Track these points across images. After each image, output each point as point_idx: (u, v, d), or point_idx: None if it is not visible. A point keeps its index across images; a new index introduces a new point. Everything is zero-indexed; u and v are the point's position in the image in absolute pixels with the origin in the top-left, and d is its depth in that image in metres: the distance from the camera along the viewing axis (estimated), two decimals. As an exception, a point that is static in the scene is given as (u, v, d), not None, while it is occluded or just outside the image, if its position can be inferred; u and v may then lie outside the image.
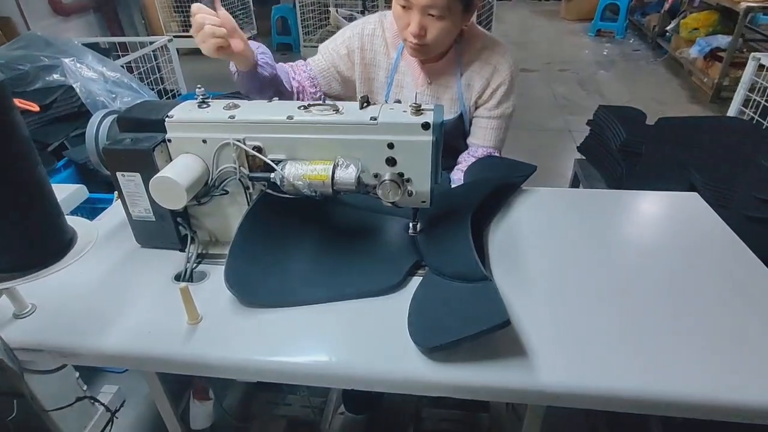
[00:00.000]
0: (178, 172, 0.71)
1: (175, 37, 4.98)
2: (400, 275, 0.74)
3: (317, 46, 1.19)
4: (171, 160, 0.76)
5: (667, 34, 4.60)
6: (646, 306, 0.69)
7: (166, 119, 0.75)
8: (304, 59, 1.16)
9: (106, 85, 1.41)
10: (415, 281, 0.75)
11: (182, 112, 0.76)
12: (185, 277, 0.77)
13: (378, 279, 0.74)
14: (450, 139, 1.14)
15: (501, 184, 0.95)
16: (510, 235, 0.86)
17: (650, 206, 0.95)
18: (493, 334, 0.61)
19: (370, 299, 0.72)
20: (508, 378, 0.59)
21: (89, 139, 0.79)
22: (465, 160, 1.12)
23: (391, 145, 0.72)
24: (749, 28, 3.73)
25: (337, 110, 0.73)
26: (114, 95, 1.40)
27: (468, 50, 1.07)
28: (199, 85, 0.79)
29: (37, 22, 3.11)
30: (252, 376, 0.63)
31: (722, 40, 3.58)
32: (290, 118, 0.72)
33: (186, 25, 5.04)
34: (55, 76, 1.39)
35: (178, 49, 5.00)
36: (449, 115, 1.10)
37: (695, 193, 0.95)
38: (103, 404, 0.93)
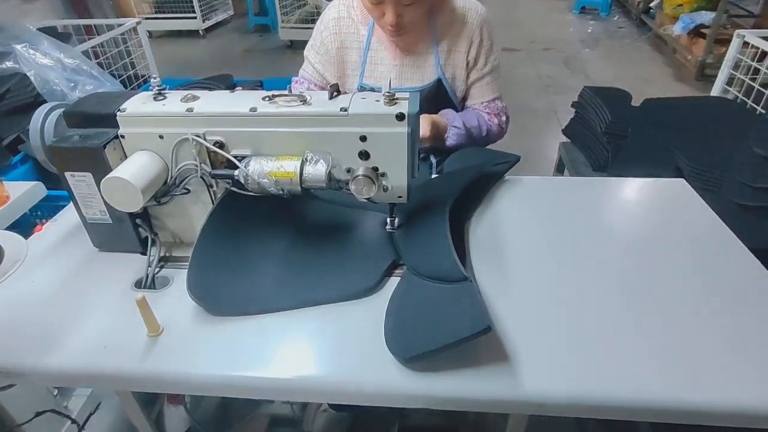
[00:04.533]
0: (133, 171, 0.66)
1: (146, 18, 4.82)
2: (376, 277, 0.70)
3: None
4: (126, 157, 0.70)
5: (651, 10, 4.56)
6: (632, 304, 0.66)
7: (118, 113, 0.68)
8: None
9: (65, 73, 1.32)
10: (393, 282, 0.71)
11: (136, 105, 0.69)
12: (146, 283, 0.72)
13: (353, 282, 0.69)
14: (430, 107, 1.09)
15: (483, 174, 0.91)
16: (492, 228, 0.82)
17: (636, 194, 0.91)
18: (475, 340, 0.57)
19: (345, 303, 0.68)
20: (491, 388, 0.55)
21: (33, 136, 0.72)
22: (465, 112, 1.12)
23: (363, 138, 0.67)
24: (733, 4, 3.70)
25: (304, 101, 0.68)
26: (73, 84, 1.31)
27: (440, 13, 1.04)
28: (153, 75, 0.72)
29: (-3, 5, 2.94)
30: (217, 392, 0.59)
31: (706, 17, 3.54)
32: (253, 110, 0.67)
33: (159, 6, 4.84)
34: (8, 63, 1.30)
35: (150, 32, 4.87)
36: (430, 79, 1.07)
37: (682, 180, 0.91)
38: (69, 417, 0.88)
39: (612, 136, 1.39)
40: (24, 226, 1.10)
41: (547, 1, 6.00)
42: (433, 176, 0.95)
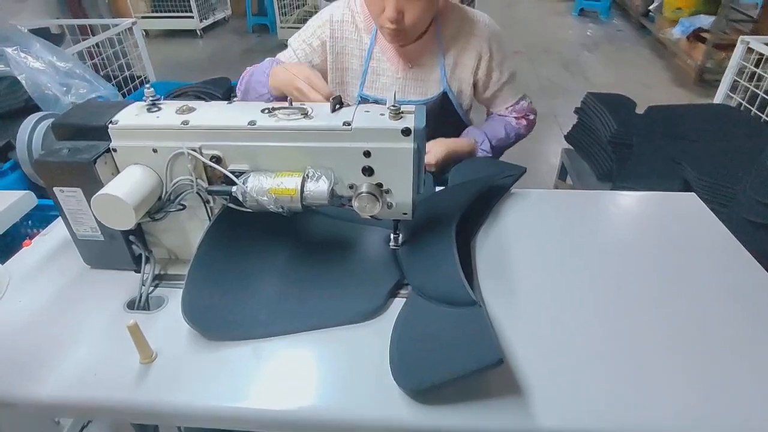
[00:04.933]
0: (125, 187, 0.62)
1: (143, 18, 4.78)
2: (380, 299, 0.67)
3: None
4: (117, 172, 0.67)
5: (651, 13, 4.55)
6: (651, 328, 0.63)
7: (110, 126, 0.65)
8: (283, 43, 1.07)
9: (57, 77, 1.28)
10: (398, 303, 0.68)
11: (128, 117, 0.66)
12: (140, 304, 0.69)
13: (355, 304, 0.66)
14: (434, 122, 1.06)
15: (488, 187, 0.88)
16: (499, 245, 0.79)
17: (647, 208, 0.88)
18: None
19: (347, 327, 0.65)
20: (501, 421, 0.52)
21: (20, 148, 0.69)
22: (490, 120, 1.11)
23: (367, 153, 0.64)
24: (733, 8, 3.69)
25: (305, 114, 0.65)
26: (65, 88, 1.27)
27: (447, 25, 1.00)
28: (147, 86, 0.69)
29: (-12, 4, 2.89)
30: (211, 424, 0.56)
31: (705, 20, 3.53)
32: (252, 123, 0.64)
33: (156, 5, 4.79)
34: (1, 66, 1.26)
35: (147, 31, 4.84)
36: (434, 92, 1.04)
37: (693, 194, 0.89)
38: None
39: (617, 146, 1.37)
40: (13, 236, 1.06)
41: (547, 3, 5.98)
42: (438, 189, 0.92)
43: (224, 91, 1.70)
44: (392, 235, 0.76)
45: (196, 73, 3.62)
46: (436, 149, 1.00)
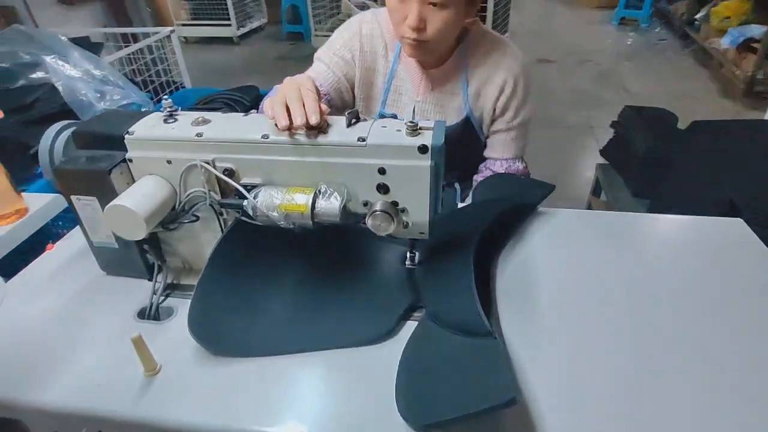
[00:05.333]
0: (137, 199, 0.62)
1: (183, 25, 4.93)
2: (391, 323, 0.64)
3: (329, 35, 1.06)
4: (133, 181, 0.67)
5: (696, 22, 4.35)
6: (689, 369, 0.58)
7: (126, 136, 0.65)
8: (315, 50, 1.03)
9: (92, 84, 1.32)
10: (410, 326, 0.65)
11: (144, 128, 0.66)
12: (150, 313, 0.69)
13: (366, 326, 0.64)
14: (456, 148, 1.02)
15: (513, 206, 0.84)
16: (522, 270, 0.74)
17: (687, 234, 0.82)
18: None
19: (356, 349, 0.62)
20: (514, 463, 0.49)
21: (42, 155, 0.70)
22: (483, 172, 1.01)
23: (382, 171, 0.61)
24: (787, 17, 3.49)
25: (320, 128, 0.63)
26: (99, 94, 1.31)
27: (473, 53, 0.95)
28: (166, 97, 0.69)
29: (41, 12, 3.04)
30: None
31: (756, 30, 3.35)
32: (265, 137, 0.62)
33: (196, 13, 4.94)
34: (40, 74, 1.31)
35: (186, 38, 5.00)
36: (455, 120, 0.99)
37: (740, 220, 0.82)
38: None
39: (654, 162, 1.30)
40: (44, 235, 1.09)
41: (585, 11, 5.84)
42: (459, 205, 0.89)
43: (252, 98, 1.72)
44: (408, 254, 0.73)
45: (231, 80, 3.70)
46: None
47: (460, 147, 1.02)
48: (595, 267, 0.75)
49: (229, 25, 4.79)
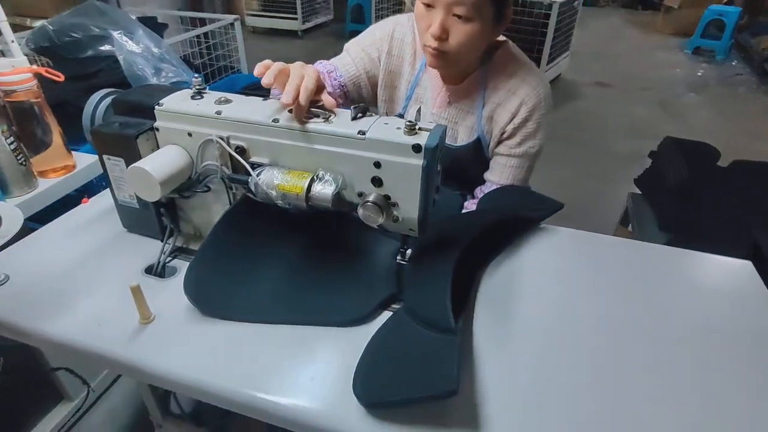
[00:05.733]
0: (156, 164, 0.69)
1: (252, 15, 5.16)
2: (368, 308, 0.67)
3: None
4: (157, 148, 0.74)
5: (777, 60, 4.10)
6: (674, 420, 0.58)
7: (157, 107, 0.72)
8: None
9: (151, 61, 1.43)
10: (387, 316, 0.68)
11: (174, 101, 0.73)
12: (156, 270, 0.75)
13: (347, 308, 0.68)
14: (465, 166, 1.03)
15: (514, 217, 0.85)
16: (510, 280, 0.76)
17: (693, 271, 0.80)
18: (449, 403, 0.53)
19: (335, 329, 0.66)
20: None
21: (85, 118, 0.78)
22: (477, 197, 1.00)
23: (378, 164, 0.65)
24: None
25: (326, 119, 0.67)
26: (154, 71, 1.42)
27: (495, 74, 0.94)
28: (195, 74, 0.75)
29: (125, -10, 3.29)
30: (186, 392, 0.59)
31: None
32: (275, 121, 0.67)
33: (266, 5, 5.16)
34: (107, 47, 1.44)
35: (254, 27, 5.21)
36: (466, 140, 1.00)
37: (748, 263, 0.79)
38: (80, 378, 0.94)
39: (685, 196, 1.25)
40: (89, 190, 1.20)
41: (658, 36, 5.61)
42: (463, 212, 0.91)
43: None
44: (400, 250, 0.76)
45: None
46: None
47: (470, 167, 1.03)
48: (586, 289, 0.74)
49: (295, 18, 4.97)
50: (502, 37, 0.98)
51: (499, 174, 0.98)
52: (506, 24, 0.89)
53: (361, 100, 1.06)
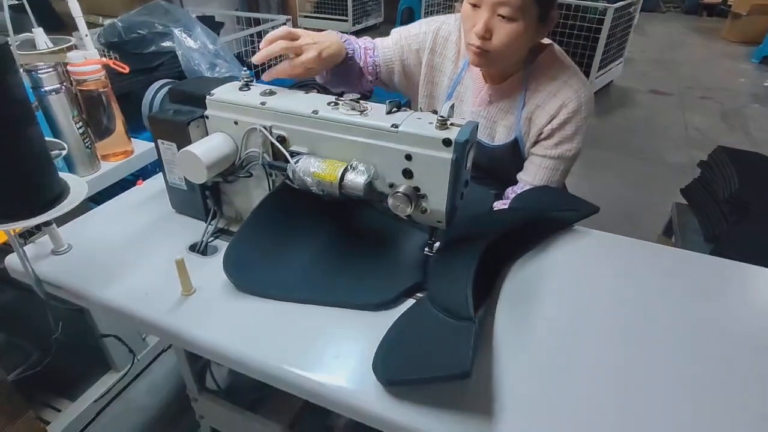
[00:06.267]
0: (204, 149, 0.74)
1: (305, 17, 5.29)
2: (393, 293, 0.70)
3: None
4: (207, 135, 0.79)
5: None
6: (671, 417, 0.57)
7: (208, 97, 0.78)
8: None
9: (206, 57, 1.53)
10: (411, 303, 0.70)
11: (224, 92, 0.78)
12: (199, 248, 0.81)
13: (371, 293, 0.70)
14: (502, 166, 1.04)
15: (547, 218, 0.85)
16: (536, 277, 0.76)
17: (732, 282, 0.77)
18: (463, 385, 0.55)
19: (360, 312, 0.69)
20: (463, 438, 0.52)
21: (144, 106, 0.85)
22: (508, 197, 1.01)
23: (408, 157, 0.67)
24: None
25: (362, 111, 0.70)
26: (209, 66, 1.52)
27: (537, 76, 0.94)
28: (244, 68, 0.80)
29: (189, -9, 3.47)
30: (220, 360, 0.64)
31: None
32: (315, 112, 0.71)
33: (319, 6, 5.30)
34: (168, 43, 1.54)
35: (306, 29, 5.33)
36: (503, 140, 1.01)
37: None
38: (126, 345, 1.02)
39: (734, 207, 1.20)
40: (144, 174, 1.29)
41: (723, 45, 5.33)
42: (495, 209, 0.92)
43: (338, 92, 1.85)
44: (428, 242, 0.78)
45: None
46: None
47: (506, 168, 1.04)
48: (609, 293, 0.74)
49: (346, 20, 5.07)
50: (547, 40, 0.98)
51: (532, 174, 0.98)
52: (551, 26, 0.89)
53: (392, 85, 1.10)
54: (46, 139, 0.65)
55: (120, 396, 1.44)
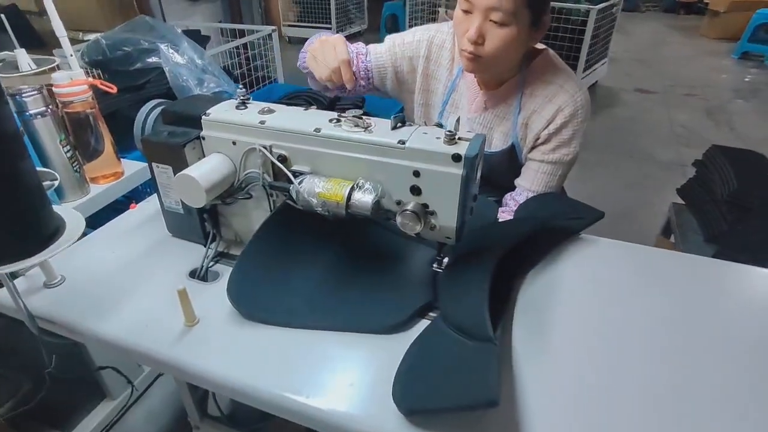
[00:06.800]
0: (202, 171, 0.71)
1: (289, 26, 5.27)
2: (405, 315, 0.67)
3: None
4: (203, 157, 0.77)
5: (833, 64, 3.88)
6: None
7: (203, 117, 0.75)
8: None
9: (194, 72, 1.50)
10: (424, 324, 0.68)
11: (219, 111, 0.75)
12: (199, 274, 0.78)
13: (383, 315, 0.68)
14: (499, 172, 1.03)
15: (553, 227, 0.83)
16: (549, 290, 0.74)
17: (747, 288, 0.76)
18: (484, 413, 0.53)
19: (372, 335, 0.66)
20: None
21: (136, 127, 0.82)
22: (507, 204, 1.00)
23: (417, 173, 0.65)
24: None
25: (366, 128, 0.68)
26: (198, 81, 1.48)
27: (532, 81, 0.93)
28: (240, 86, 0.78)
29: (170, 5, 3.44)
30: (226, 393, 0.61)
31: None
32: (317, 130, 0.69)
33: (302, 15, 5.28)
34: (154, 59, 1.51)
35: (290, 38, 5.34)
36: (500, 146, 0.99)
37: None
38: (125, 377, 0.98)
39: (734, 206, 1.20)
40: (135, 196, 1.25)
41: (703, 42, 5.43)
42: (500, 220, 0.90)
43: (332, 97, 1.83)
44: (437, 258, 0.76)
45: (323, 80, 3.90)
46: None
47: (503, 174, 1.03)
48: (624, 302, 0.72)
49: (330, 28, 5.06)
50: (541, 45, 0.98)
51: (530, 180, 0.97)
52: (543, 31, 0.89)
53: (384, 91, 1.09)
54: (37, 169, 0.61)
55: (117, 424, 1.39)
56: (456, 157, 0.62)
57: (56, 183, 0.81)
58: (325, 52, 0.89)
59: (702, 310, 0.71)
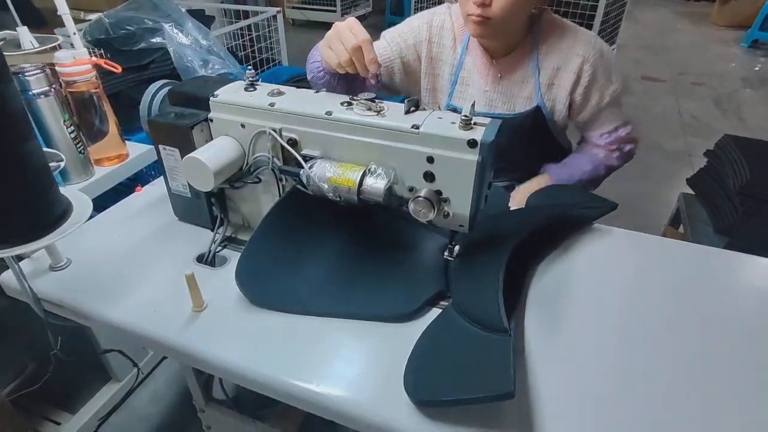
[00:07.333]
0: (210, 154, 0.70)
1: (294, 8, 5.19)
2: (416, 304, 0.66)
3: None
4: (211, 139, 0.75)
5: None
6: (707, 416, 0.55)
7: (211, 98, 0.73)
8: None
9: (199, 53, 1.47)
10: (435, 312, 0.67)
11: (227, 93, 0.73)
12: (207, 259, 0.77)
13: (393, 304, 0.67)
14: (520, 138, 1.01)
15: (566, 216, 0.82)
16: (563, 280, 0.73)
17: (752, 276, 0.75)
18: (499, 405, 0.52)
19: (382, 323, 0.66)
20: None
21: (142, 108, 0.80)
22: (550, 170, 1.02)
23: (431, 159, 0.64)
24: None
25: (379, 111, 0.66)
26: (203, 62, 1.46)
27: (544, 39, 0.93)
28: (249, 67, 0.76)
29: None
30: (234, 379, 0.60)
31: None
32: (328, 114, 0.67)
33: (306, -2, 5.20)
34: (158, 39, 1.48)
35: (294, 20, 5.26)
36: (524, 108, 0.98)
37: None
38: (131, 360, 0.98)
39: (746, 198, 1.18)
40: (140, 179, 1.24)
41: (712, 30, 5.33)
42: (512, 208, 0.89)
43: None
44: (448, 246, 0.75)
45: (327, 63, 3.85)
46: (520, 198, 0.95)
47: (527, 140, 1.01)
48: (637, 292, 0.71)
49: (334, 11, 4.98)
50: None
51: (599, 127, 1.01)
52: None
53: (394, 87, 1.08)
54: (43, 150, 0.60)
55: (122, 406, 1.40)
56: (472, 143, 0.61)
57: (62, 164, 0.79)
58: (342, 34, 0.85)
59: (717, 302, 0.70)
